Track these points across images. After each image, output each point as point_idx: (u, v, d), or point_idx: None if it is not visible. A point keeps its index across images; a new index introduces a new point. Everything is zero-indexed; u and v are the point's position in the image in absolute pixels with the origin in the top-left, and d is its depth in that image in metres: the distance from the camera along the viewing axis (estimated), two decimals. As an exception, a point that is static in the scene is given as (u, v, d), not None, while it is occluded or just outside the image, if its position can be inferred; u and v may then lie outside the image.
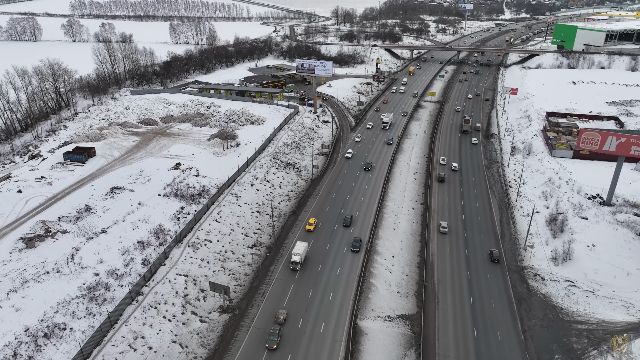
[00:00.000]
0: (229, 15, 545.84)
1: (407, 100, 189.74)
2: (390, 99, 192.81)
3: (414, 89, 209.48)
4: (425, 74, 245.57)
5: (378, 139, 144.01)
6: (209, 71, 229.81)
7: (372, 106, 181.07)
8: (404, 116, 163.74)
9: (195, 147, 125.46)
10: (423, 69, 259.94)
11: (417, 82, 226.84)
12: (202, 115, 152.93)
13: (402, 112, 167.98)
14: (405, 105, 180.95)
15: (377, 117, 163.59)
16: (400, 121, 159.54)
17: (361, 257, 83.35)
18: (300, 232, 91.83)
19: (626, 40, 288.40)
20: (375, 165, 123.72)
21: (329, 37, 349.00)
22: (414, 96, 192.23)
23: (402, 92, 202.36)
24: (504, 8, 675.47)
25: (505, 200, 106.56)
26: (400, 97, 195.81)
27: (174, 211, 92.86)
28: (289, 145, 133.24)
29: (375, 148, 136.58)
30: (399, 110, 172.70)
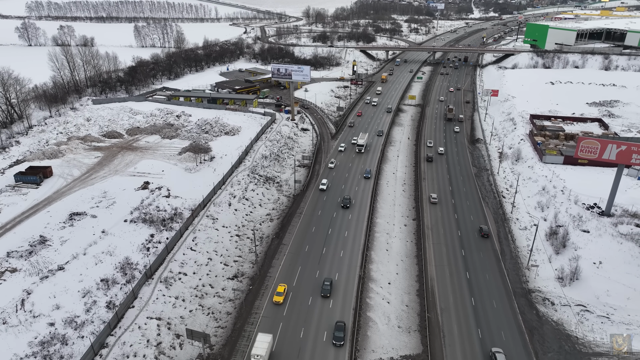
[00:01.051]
0: (197, 16, 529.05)
1: (381, 116, 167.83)
2: (364, 110, 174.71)
3: (388, 100, 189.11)
4: (399, 80, 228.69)
5: (354, 165, 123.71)
6: (177, 76, 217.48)
7: (352, 111, 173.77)
8: (379, 136, 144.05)
9: (165, 163, 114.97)
10: (397, 73, 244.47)
11: (392, 90, 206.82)
12: (171, 126, 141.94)
13: (377, 132, 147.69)
14: (380, 122, 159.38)
15: (352, 135, 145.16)
16: (376, 143, 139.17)
17: (355, 287, 75.52)
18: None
19: (596, 39, 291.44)
20: (355, 200, 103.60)
21: (302, 38, 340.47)
22: (387, 111, 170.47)
23: (375, 104, 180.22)
24: (472, 7, 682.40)
25: (500, 213, 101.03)
26: (374, 110, 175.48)
27: (143, 240, 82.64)
28: (267, 157, 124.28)
29: (352, 177, 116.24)
30: (373, 127, 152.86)
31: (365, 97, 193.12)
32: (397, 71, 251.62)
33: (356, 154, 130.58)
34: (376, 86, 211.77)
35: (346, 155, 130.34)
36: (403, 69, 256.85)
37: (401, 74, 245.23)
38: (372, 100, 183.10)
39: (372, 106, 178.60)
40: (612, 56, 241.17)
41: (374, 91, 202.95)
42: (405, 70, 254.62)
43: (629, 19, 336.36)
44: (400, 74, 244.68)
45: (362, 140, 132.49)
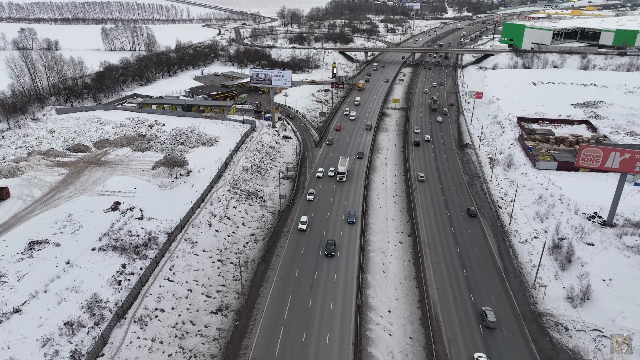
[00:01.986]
0: (168, 18, 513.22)
1: (360, 133, 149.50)
2: (343, 123, 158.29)
3: (367, 112, 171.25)
4: (377, 89, 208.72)
5: (336, 198, 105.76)
6: (149, 82, 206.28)
7: (334, 117, 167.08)
8: (359, 158, 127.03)
9: (137, 179, 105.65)
10: (375, 79, 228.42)
11: (370, 101, 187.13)
12: (143, 137, 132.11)
13: (357, 153, 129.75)
14: (361, 142, 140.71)
15: (330, 155, 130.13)
16: (358, 167, 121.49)
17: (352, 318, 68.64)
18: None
19: (571, 38, 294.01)
20: (341, 245, 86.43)
21: (278, 39, 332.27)
22: (367, 129, 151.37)
23: (353, 118, 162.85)
24: (446, 7, 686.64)
25: (498, 225, 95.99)
26: (353, 125, 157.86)
27: (114, 272, 73.70)
28: (248, 169, 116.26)
29: (335, 216, 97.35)
30: (353, 147, 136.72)
31: (344, 108, 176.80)
32: (375, 76, 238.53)
33: (337, 182, 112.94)
34: (353, 95, 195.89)
35: (326, 184, 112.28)
36: (381, 74, 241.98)
37: (379, 81, 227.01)
38: (350, 113, 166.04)
39: (350, 120, 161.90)
40: (590, 56, 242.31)
41: (351, 101, 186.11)
42: (384, 75, 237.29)
43: (602, 19, 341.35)
44: (378, 81, 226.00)
45: (342, 167, 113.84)
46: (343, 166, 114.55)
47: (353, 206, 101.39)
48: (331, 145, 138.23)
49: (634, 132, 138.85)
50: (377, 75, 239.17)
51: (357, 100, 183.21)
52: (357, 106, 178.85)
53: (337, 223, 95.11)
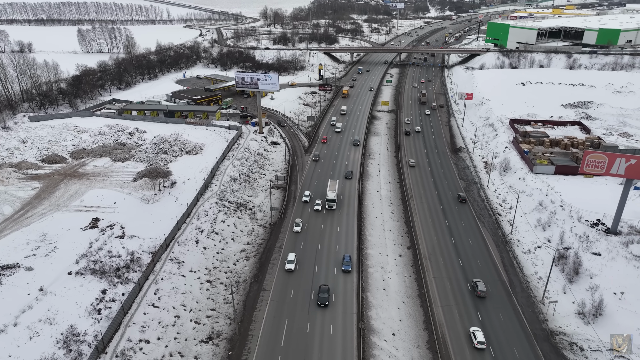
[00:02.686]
0: (148, 18, 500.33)
1: (349, 148, 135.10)
2: (329, 134, 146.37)
3: (353, 123, 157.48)
4: (362, 96, 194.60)
5: (327, 230, 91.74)
6: (128, 86, 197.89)
7: (324, 120, 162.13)
8: (347, 178, 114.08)
9: (118, 192, 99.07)
10: (361, 83, 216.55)
11: (356, 112, 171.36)
12: (123, 146, 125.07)
13: (345, 173, 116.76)
14: (350, 161, 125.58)
15: (318, 172, 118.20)
16: (349, 191, 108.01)
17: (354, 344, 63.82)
18: None
19: (555, 37, 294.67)
20: (334, 291, 74.28)
21: (261, 40, 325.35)
22: (355, 145, 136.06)
23: (339, 130, 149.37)
24: (428, 6, 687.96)
25: (500, 234, 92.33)
26: (340, 138, 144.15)
27: (92, 299, 67.44)
28: (236, 179, 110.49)
29: (327, 261, 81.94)
30: (342, 164, 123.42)
31: (330, 116, 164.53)
32: (360, 81, 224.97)
33: (327, 210, 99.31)
34: (339, 102, 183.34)
35: (315, 212, 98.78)
36: (366, 79, 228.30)
37: (364, 88, 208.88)
38: (336, 125, 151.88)
39: (336, 132, 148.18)
40: (575, 55, 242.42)
41: (337, 109, 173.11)
42: (368, 82, 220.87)
43: (584, 18, 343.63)
44: (363, 89, 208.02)
45: (332, 193, 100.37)
46: (332, 192, 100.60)
47: (346, 240, 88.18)
48: (318, 162, 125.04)
49: (627, 133, 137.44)
50: (362, 80, 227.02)
51: (342, 109, 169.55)
52: (343, 116, 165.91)
53: (330, 267, 79.85)
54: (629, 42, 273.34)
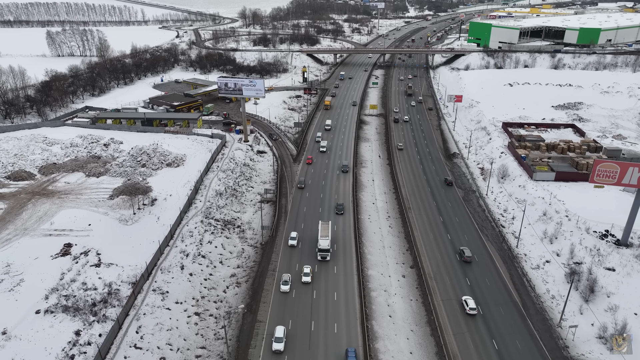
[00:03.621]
0: (122, 19, 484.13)
1: (336, 174, 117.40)
2: (314, 153, 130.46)
3: (340, 142, 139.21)
4: (346, 109, 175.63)
5: (321, 294, 73.52)
6: (102, 92, 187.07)
7: (311, 125, 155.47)
8: (338, 213, 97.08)
9: (93, 212, 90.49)
10: (342, 93, 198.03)
11: (341, 127, 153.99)
12: (98, 159, 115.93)
13: (336, 206, 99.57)
14: (340, 192, 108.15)
15: (304, 209, 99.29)
16: (343, 230, 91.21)
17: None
18: None
19: (537, 37, 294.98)
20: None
21: (241, 41, 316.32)
22: (343, 171, 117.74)
23: (325, 149, 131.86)
24: (407, 5, 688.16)
25: (505, 248, 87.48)
26: (326, 158, 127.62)
27: (65, 343, 59.35)
28: (222, 193, 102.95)
29: (322, 332, 66.26)
30: (331, 197, 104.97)
31: (314, 130, 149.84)
32: (342, 88, 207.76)
33: (319, 262, 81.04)
34: (322, 116, 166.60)
35: (304, 260, 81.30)
36: (349, 88, 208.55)
37: (347, 99, 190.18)
38: (321, 144, 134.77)
39: (321, 152, 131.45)
40: (558, 54, 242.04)
41: (321, 123, 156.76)
42: (350, 92, 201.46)
43: (563, 17, 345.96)
44: (346, 99, 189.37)
45: (324, 240, 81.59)
46: (325, 239, 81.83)
47: (346, 304, 71.18)
48: (303, 190, 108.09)
49: (621, 136, 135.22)
50: (345, 88, 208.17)
51: (327, 125, 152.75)
52: (328, 131, 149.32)
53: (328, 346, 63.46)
54: (608, 41, 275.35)
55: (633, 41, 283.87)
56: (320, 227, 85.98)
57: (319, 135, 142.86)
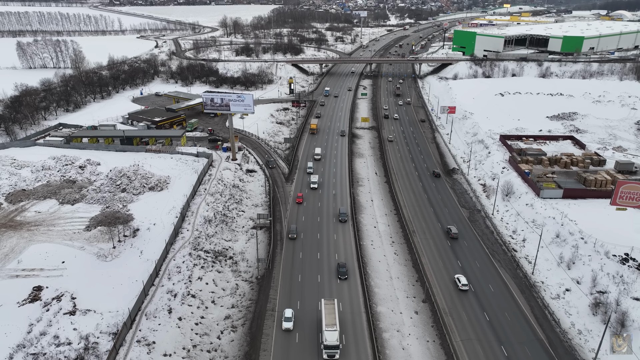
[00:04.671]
0: (97, 29, 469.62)
1: (333, 223, 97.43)
2: (304, 189, 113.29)
3: (331, 177, 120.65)
4: (334, 130, 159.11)
5: None
6: (77, 107, 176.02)
7: (301, 141, 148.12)
8: (342, 278, 78.83)
9: (67, 247, 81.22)
10: (328, 112, 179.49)
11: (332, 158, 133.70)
12: (73, 184, 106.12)
13: (337, 269, 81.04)
14: (339, 243, 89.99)
15: (297, 265, 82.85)
16: (353, 314, 70.92)
17: None
18: None
19: (521, 45, 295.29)
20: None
21: (223, 51, 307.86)
22: (341, 220, 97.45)
23: (315, 185, 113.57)
24: (388, 14, 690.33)
25: (521, 275, 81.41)
26: (318, 197, 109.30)
27: (33, 417, 50.24)
28: (211, 220, 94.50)
29: None
30: (329, 255, 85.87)
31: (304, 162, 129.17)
32: (328, 107, 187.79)
33: None
34: (309, 142, 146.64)
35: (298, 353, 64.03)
36: (334, 107, 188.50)
37: (334, 120, 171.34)
38: (312, 178, 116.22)
39: (312, 189, 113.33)
40: (545, 63, 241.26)
41: (310, 151, 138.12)
42: (337, 112, 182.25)
43: (545, 25, 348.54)
44: (333, 124, 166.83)
45: (332, 334, 62.31)
46: (333, 332, 62.44)
47: (357, 349, 63.28)
48: (295, 241, 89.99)
49: (622, 147, 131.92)
50: (331, 107, 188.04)
51: (316, 154, 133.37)
52: (318, 161, 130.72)
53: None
54: (591, 49, 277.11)
55: (614, 49, 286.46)
56: (324, 310, 66.23)
57: (310, 166, 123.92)
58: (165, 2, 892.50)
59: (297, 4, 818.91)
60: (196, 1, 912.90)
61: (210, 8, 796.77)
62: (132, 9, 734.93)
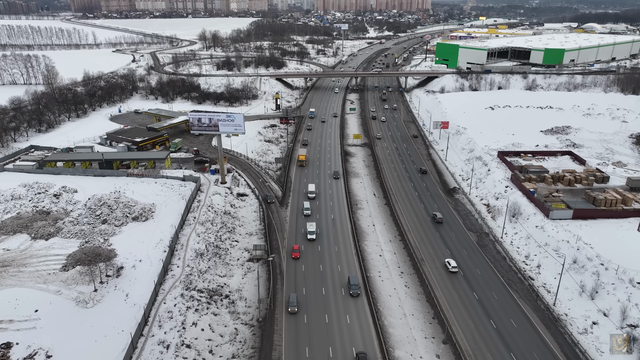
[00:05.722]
0: (71, 42, 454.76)
1: (339, 295, 78.10)
2: (300, 241, 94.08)
3: (332, 228, 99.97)
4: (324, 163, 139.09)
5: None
6: (51, 127, 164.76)
7: (292, 159, 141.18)
8: None
9: (40, 292, 71.91)
10: (315, 138, 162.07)
11: (327, 198, 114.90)
12: (47, 216, 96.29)
13: None
14: (356, 336, 68.68)
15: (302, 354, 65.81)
16: None
17: None
18: None
19: (504, 57, 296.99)
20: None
21: (203, 65, 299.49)
22: (353, 295, 77.08)
23: (313, 237, 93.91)
24: (366, 27, 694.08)
25: (542, 307, 75.92)
26: (317, 255, 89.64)
27: None
28: (203, 254, 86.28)
29: None
30: (345, 353, 65.82)
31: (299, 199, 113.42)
32: (315, 131, 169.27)
33: None
34: (299, 175, 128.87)
35: None
36: (323, 133, 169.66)
37: (323, 149, 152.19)
38: (309, 227, 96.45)
39: (308, 240, 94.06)
40: (530, 75, 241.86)
41: (300, 187, 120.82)
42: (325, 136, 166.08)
43: (525, 38, 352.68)
44: (322, 156, 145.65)
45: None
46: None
47: None
48: (297, 319, 72.13)
49: (621, 163, 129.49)
50: (317, 133, 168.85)
51: (310, 192, 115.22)
52: (312, 200, 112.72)
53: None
54: (572, 61, 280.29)
55: (593, 61, 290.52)
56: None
57: (307, 209, 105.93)
58: (141, 15, 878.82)
59: (275, 17, 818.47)
60: (173, 14, 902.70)
61: (188, 21, 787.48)
62: (106, 22, 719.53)
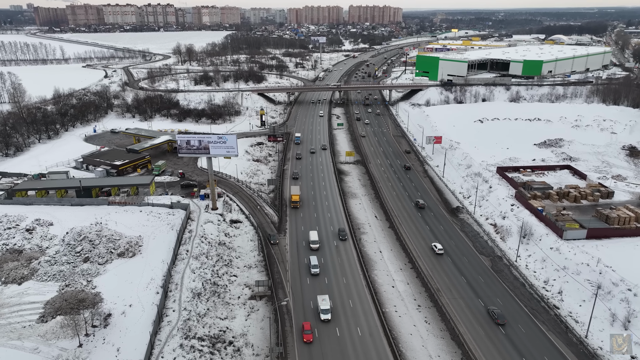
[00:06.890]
0: (37, 57, 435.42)
1: None
2: (311, 318, 74.73)
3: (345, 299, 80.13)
4: (322, 203, 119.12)
5: None
6: (19, 150, 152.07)
7: (284, 182, 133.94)
8: None
9: (14, 351, 62.06)
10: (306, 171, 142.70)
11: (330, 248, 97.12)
12: (19, 255, 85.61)
13: None
14: None
15: None
16: None
17: None
18: None
19: (483, 69, 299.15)
20: None
21: (180, 80, 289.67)
22: None
23: (328, 316, 72.40)
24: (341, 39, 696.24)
25: (574, 340, 70.69)
26: (332, 333, 71.27)
27: None
28: (201, 293, 77.72)
29: None
30: None
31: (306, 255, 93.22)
32: (305, 162, 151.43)
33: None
34: (293, 216, 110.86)
35: None
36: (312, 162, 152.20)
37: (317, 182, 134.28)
38: (321, 304, 75.43)
39: (323, 321, 73.96)
40: (513, 87, 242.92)
41: (299, 235, 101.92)
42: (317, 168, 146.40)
43: (502, 49, 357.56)
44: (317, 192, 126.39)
45: None
46: None
47: None
48: None
49: (621, 176, 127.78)
50: (307, 168, 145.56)
51: (313, 242, 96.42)
52: (316, 252, 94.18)
53: None
54: (549, 72, 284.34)
55: (570, 72, 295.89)
56: None
57: (315, 267, 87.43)
58: (110, 28, 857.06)
59: (249, 30, 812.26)
60: (144, 28, 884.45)
61: (160, 35, 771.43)
62: (74, 36, 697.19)
